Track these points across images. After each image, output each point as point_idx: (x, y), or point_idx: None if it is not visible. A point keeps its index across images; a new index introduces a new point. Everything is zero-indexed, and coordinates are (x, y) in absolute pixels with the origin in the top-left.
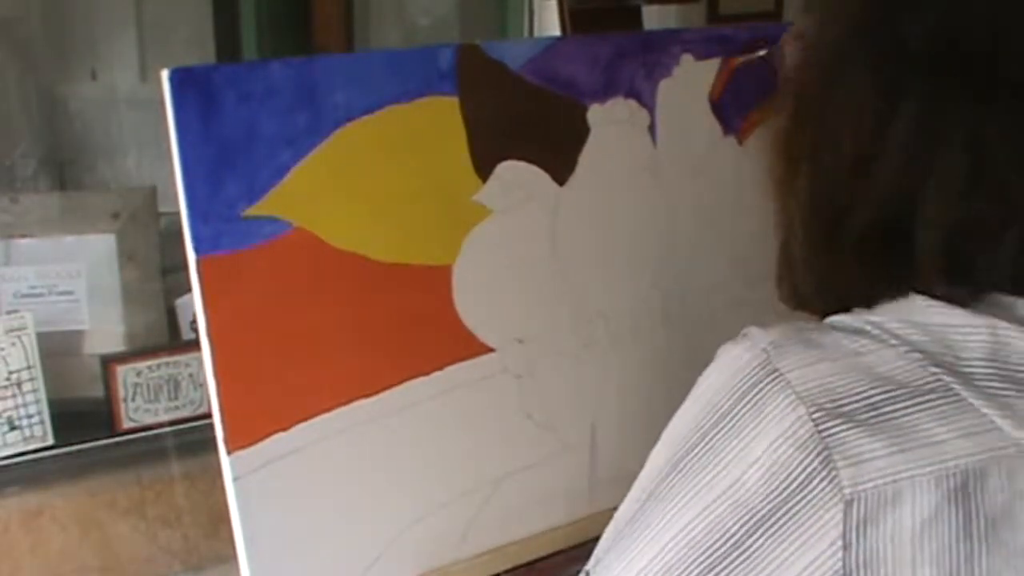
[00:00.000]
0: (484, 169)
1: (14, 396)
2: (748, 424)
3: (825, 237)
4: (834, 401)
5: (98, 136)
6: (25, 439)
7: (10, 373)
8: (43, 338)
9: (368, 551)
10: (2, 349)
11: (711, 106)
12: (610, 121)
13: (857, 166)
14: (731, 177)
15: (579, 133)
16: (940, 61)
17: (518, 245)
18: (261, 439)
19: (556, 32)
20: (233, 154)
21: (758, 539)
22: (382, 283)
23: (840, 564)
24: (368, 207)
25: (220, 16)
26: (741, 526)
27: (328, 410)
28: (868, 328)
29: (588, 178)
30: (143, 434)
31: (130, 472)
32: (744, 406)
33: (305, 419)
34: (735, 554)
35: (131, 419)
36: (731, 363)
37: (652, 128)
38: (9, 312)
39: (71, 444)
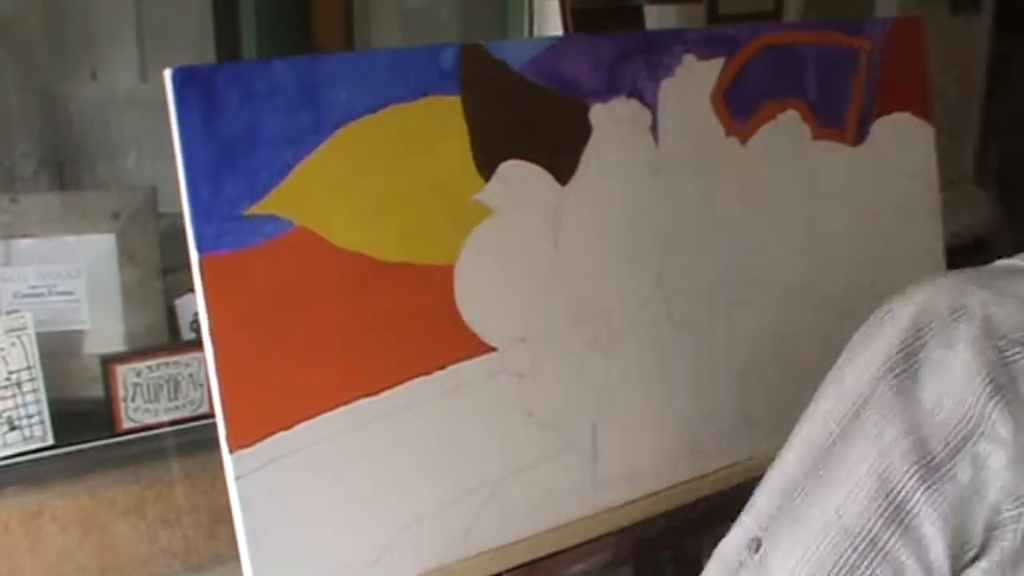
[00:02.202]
0: (486, 169)
1: (14, 396)
2: (938, 355)
3: None
4: (1015, 331)
5: (98, 136)
6: (25, 439)
7: (10, 373)
8: (43, 338)
9: (370, 550)
10: (2, 349)
11: (713, 105)
12: (612, 121)
13: None
14: (733, 177)
15: (581, 133)
16: None
17: (520, 244)
18: (263, 438)
19: (557, 32)
20: (235, 153)
21: (959, 454)
22: (384, 282)
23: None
24: (370, 206)
25: (220, 16)
26: (944, 446)
27: (330, 409)
28: None
29: (590, 178)
30: (143, 434)
31: (130, 472)
32: (933, 340)
33: (307, 418)
34: (943, 466)
35: (131, 419)
36: (915, 307)
37: (654, 128)
38: (9, 312)
39: (71, 444)
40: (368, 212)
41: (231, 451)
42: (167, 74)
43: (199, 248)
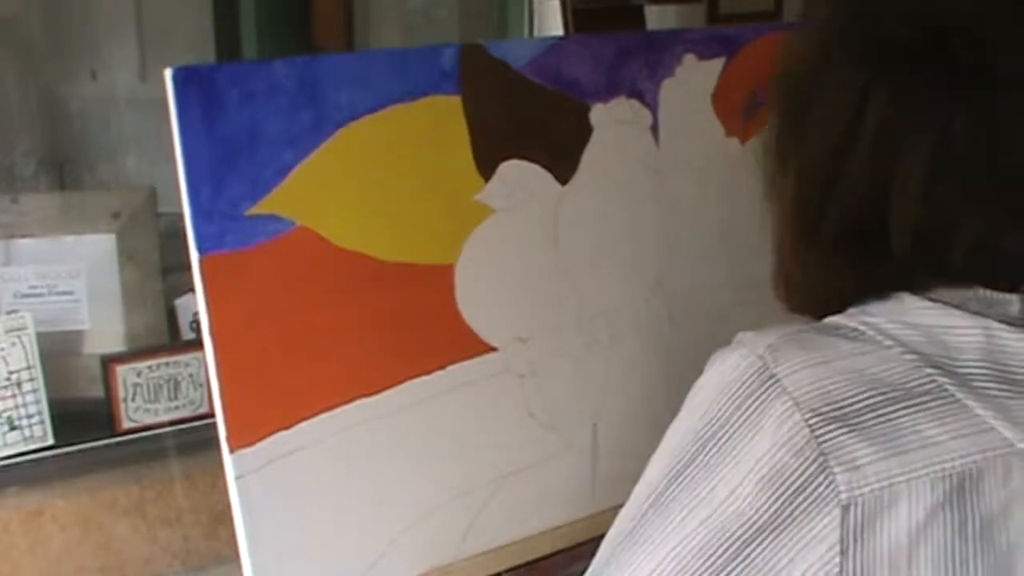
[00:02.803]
0: (487, 169)
1: (14, 396)
2: (746, 432)
3: (807, 235)
4: (830, 405)
5: (98, 136)
6: (25, 439)
7: (10, 373)
8: (43, 338)
9: (370, 549)
10: (2, 349)
11: (714, 106)
12: (613, 121)
13: (832, 163)
14: (733, 177)
15: (582, 133)
16: (915, 50)
17: (520, 244)
18: (263, 438)
19: (557, 32)
20: (236, 153)
21: (757, 546)
22: (385, 282)
23: (838, 569)
24: (371, 206)
25: (220, 16)
26: (741, 534)
27: (330, 409)
28: (863, 329)
29: (590, 178)
30: (143, 434)
31: (130, 472)
32: (742, 414)
33: (307, 418)
34: (735, 562)
35: (131, 419)
36: (728, 371)
37: (655, 128)
38: (9, 312)
39: (71, 444)
40: (368, 212)
41: (231, 451)
42: (167, 74)
43: (199, 248)
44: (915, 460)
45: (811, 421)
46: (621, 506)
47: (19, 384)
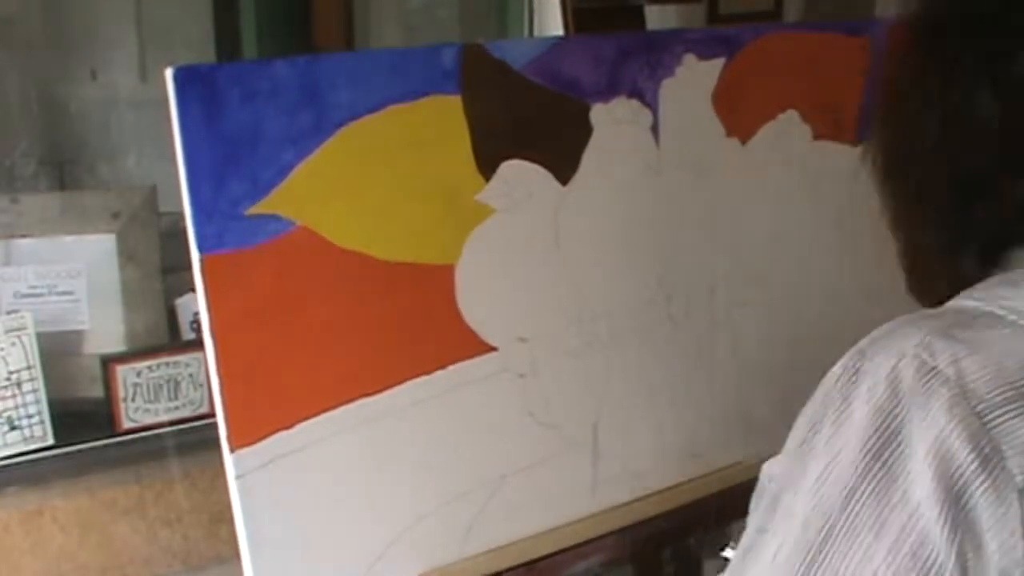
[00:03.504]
0: (487, 168)
1: (14, 396)
2: (918, 428)
3: (934, 219)
4: (994, 391)
5: (98, 136)
6: (25, 439)
7: (10, 373)
8: (43, 338)
9: (371, 549)
10: (2, 349)
11: (714, 105)
12: (613, 121)
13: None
14: (734, 177)
15: (582, 133)
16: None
17: (521, 244)
18: (264, 437)
19: (557, 32)
20: (237, 152)
21: (951, 541)
22: (385, 282)
23: (1021, 554)
24: (371, 206)
25: (220, 16)
26: (941, 531)
27: (331, 408)
28: (1003, 313)
29: (591, 178)
30: (143, 434)
31: (130, 472)
32: (912, 409)
33: (308, 417)
34: (939, 557)
35: (131, 419)
36: (884, 377)
37: (655, 128)
38: (9, 312)
39: (71, 444)
40: (369, 212)
41: (232, 450)
42: (168, 73)
43: (200, 248)
44: None
45: (978, 408)
46: (622, 506)
47: (19, 384)
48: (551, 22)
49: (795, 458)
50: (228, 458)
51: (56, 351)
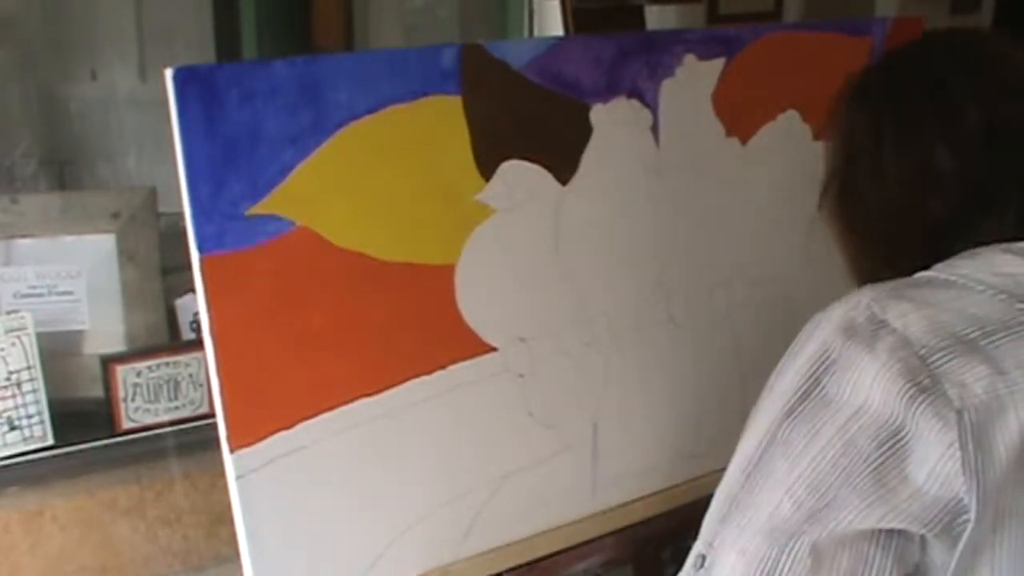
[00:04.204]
0: (487, 168)
1: (14, 396)
2: (859, 362)
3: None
4: (936, 339)
5: (98, 136)
6: (25, 439)
7: (10, 373)
8: (43, 338)
9: (370, 549)
10: (2, 349)
11: (714, 106)
12: (613, 121)
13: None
14: (734, 177)
15: (582, 133)
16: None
17: (521, 244)
18: (264, 437)
19: (557, 32)
20: (236, 153)
21: (887, 452)
22: (385, 282)
23: (959, 463)
24: (371, 206)
25: (220, 16)
26: (870, 442)
27: (331, 409)
28: (955, 279)
29: (591, 178)
30: (143, 434)
31: (130, 472)
32: (854, 350)
33: (308, 418)
34: (866, 468)
35: (131, 419)
36: (836, 319)
37: (655, 128)
38: (9, 312)
39: (71, 444)
40: (368, 212)
41: (232, 451)
42: (168, 74)
43: (200, 248)
44: (1016, 378)
45: (920, 352)
46: (622, 506)
47: (19, 384)
48: (551, 22)
49: (762, 393)
50: (228, 459)
51: (56, 351)
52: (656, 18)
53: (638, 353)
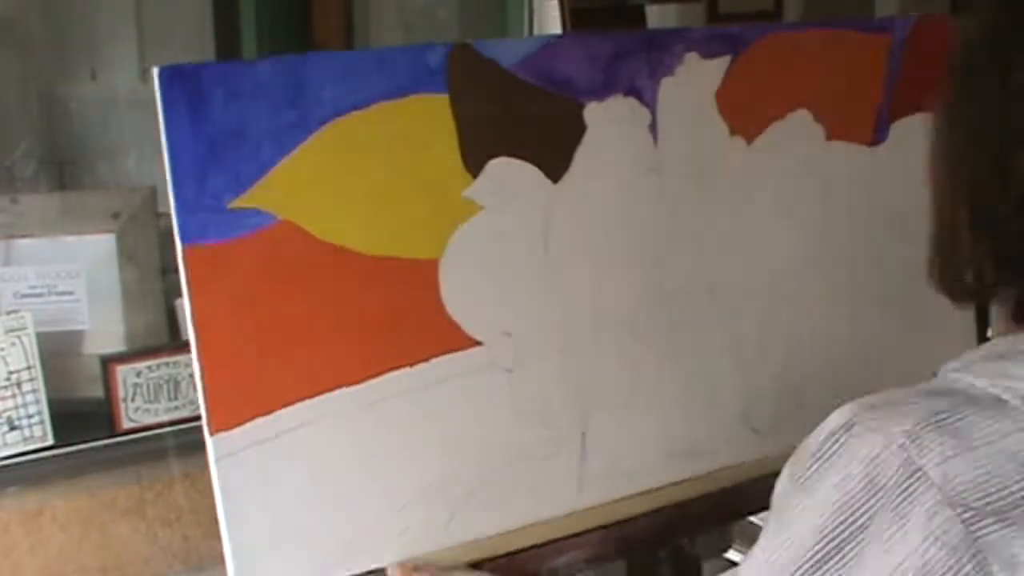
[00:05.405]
0: (475, 166)
1: (14, 396)
2: (892, 528)
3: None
4: (982, 499)
5: (98, 136)
6: (25, 439)
7: (10, 373)
8: (43, 338)
9: (351, 535)
10: (2, 349)
11: (718, 104)
12: (608, 119)
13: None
14: (738, 177)
15: (575, 131)
16: None
17: (509, 241)
18: (244, 422)
19: (556, 31)
20: (220, 148)
21: None
22: (368, 275)
23: None
24: (355, 201)
25: (220, 16)
26: None
27: (311, 396)
28: (1007, 398)
29: (584, 176)
30: (143, 434)
31: (130, 472)
32: (886, 510)
33: (288, 404)
34: None
35: (131, 419)
36: (863, 459)
37: (653, 127)
38: (9, 312)
39: (71, 444)
40: (353, 206)
41: (211, 433)
42: (155, 72)
43: (183, 238)
44: None
45: (964, 516)
46: (608, 504)
47: (19, 384)
48: (551, 22)
49: (772, 508)
50: (208, 441)
51: (56, 351)
52: (656, 18)
53: (633, 353)
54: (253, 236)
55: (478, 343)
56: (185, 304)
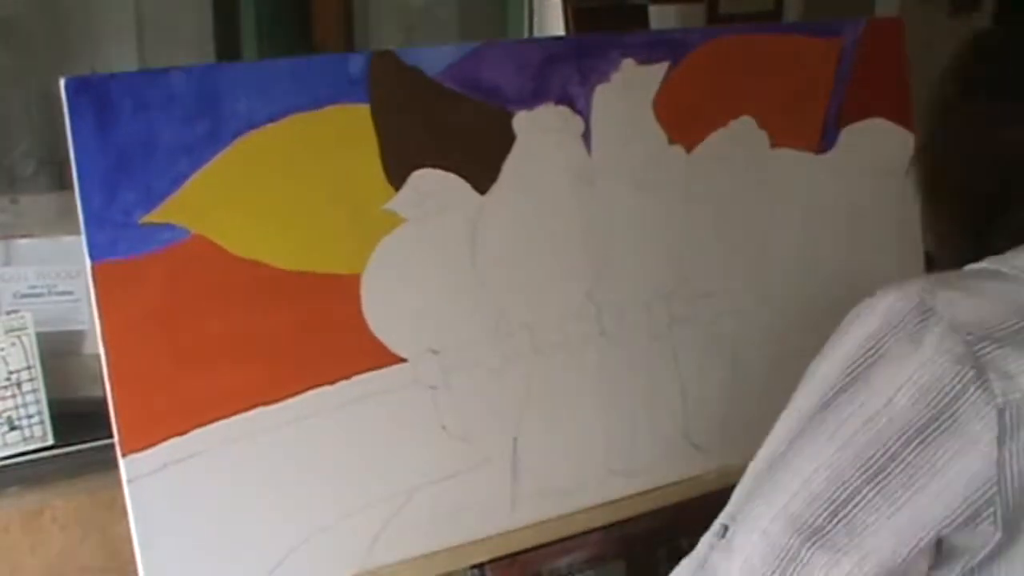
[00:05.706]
0: (397, 178)
1: (14, 396)
2: (902, 351)
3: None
4: (985, 328)
5: None
6: (25, 439)
7: (10, 373)
8: (43, 338)
9: (270, 556)
10: (2, 349)
11: (655, 112)
12: (538, 128)
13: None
14: (677, 186)
15: (503, 141)
16: None
17: (434, 254)
18: (157, 442)
19: (558, 31)
20: (130, 162)
21: (915, 448)
22: (285, 291)
23: (994, 464)
24: (271, 215)
25: (220, 16)
26: (898, 438)
27: (227, 416)
28: (1007, 271)
29: (513, 187)
30: None
31: None
32: (898, 338)
33: (203, 424)
34: (892, 464)
35: None
36: (882, 310)
37: (587, 135)
38: (9, 312)
39: (71, 444)
40: (267, 220)
41: (123, 454)
42: (61, 83)
43: (92, 255)
44: None
45: (968, 338)
46: (545, 522)
47: (19, 384)
48: (551, 22)
49: (804, 377)
50: (121, 462)
51: (56, 351)
52: (655, 18)
53: (565, 368)
54: (165, 251)
55: (402, 360)
56: (96, 323)
